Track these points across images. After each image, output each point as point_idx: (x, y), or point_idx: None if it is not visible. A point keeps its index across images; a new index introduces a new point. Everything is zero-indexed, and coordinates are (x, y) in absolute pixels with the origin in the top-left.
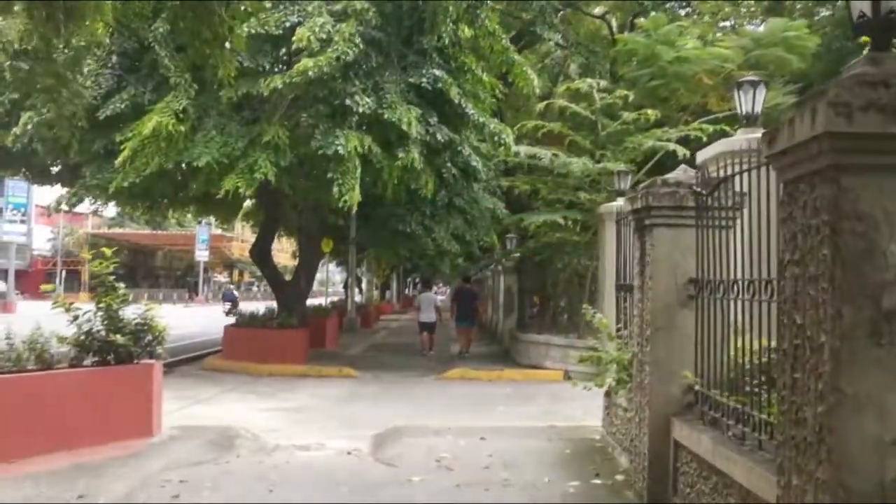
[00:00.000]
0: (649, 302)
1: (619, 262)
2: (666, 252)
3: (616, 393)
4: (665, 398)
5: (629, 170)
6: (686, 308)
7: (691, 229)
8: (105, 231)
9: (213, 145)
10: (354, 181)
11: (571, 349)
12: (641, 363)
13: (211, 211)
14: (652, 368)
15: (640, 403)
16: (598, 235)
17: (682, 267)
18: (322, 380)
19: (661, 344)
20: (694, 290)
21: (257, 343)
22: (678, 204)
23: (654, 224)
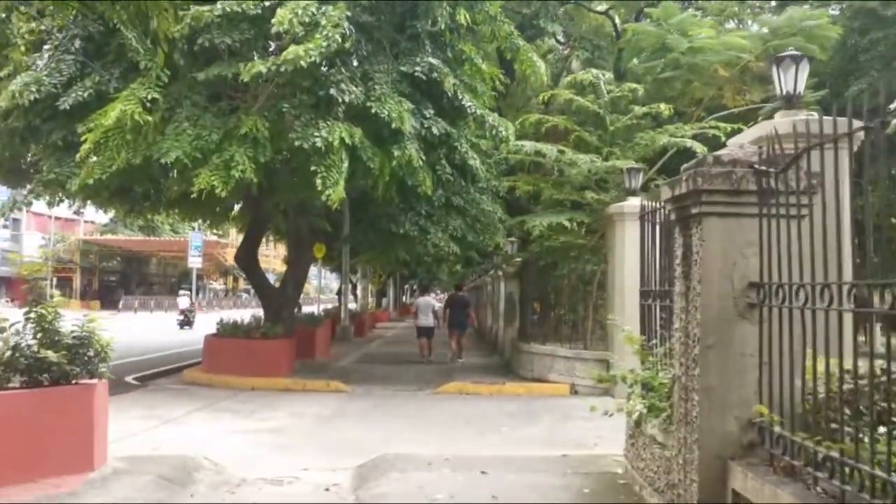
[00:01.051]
0: (697, 312)
1: (644, 265)
2: (719, 249)
3: (647, 422)
4: (720, 436)
5: (641, 167)
6: (746, 320)
7: (752, 220)
8: (97, 238)
9: (184, 138)
10: (339, 175)
11: (578, 361)
12: (687, 389)
13: (198, 214)
14: (702, 397)
15: (684, 440)
16: (606, 238)
17: (741, 267)
18: (308, 395)
19: (713, 366)
20: (756, 297)
21: (239, 354)
22: (735, 187)
23: (703, 213)
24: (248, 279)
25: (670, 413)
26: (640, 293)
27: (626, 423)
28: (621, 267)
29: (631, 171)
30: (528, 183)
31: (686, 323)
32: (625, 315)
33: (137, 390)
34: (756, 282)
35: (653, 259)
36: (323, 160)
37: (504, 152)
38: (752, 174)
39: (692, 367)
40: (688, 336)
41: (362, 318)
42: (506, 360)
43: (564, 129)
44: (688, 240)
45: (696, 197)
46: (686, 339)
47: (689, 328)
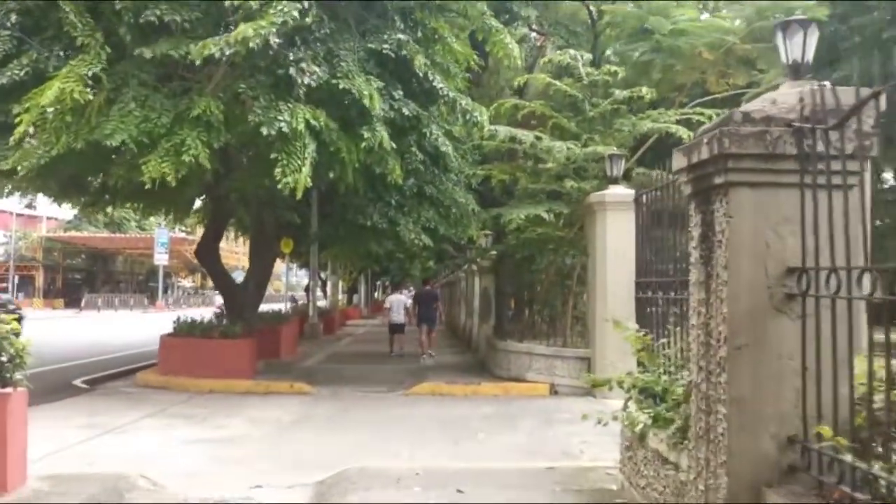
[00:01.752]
0: (723, 306)
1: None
2: (750, 227)
3: (653, 434)
4: (753, 458)
5: (623, 153)
6: (783, 314)
7: (790, 190)
8: (61, 235)
9: (130, 120)
10: (302, 162)
11: (558, 359)
12: (709, 400)
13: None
14: (730, 410)
15: (706, 462)
16: (586, 229)
17: (776, 250)
18: (270, 398)
19: (743, 371)
20: (797, 286)
21: (196, 355)
22: (770, 150)
23: (730, 184)
24: (210, 275)
25: (681, 425)
26: (637, 285)
27: (621, 432)
28: (603, 259)
29: (613, 158)
30: (503, 172)
31: (707, 319)
32: (607, 310)
33: (84, 395)
34: (796, 267)
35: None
36: (285, 146)
37: (478, 138)
38: (790, 134)
39: (716, 372)
40: (709, 335)
41: (331, 316)
42: (481, 358)
43: (541, 116)
44: (708, 217)
45: (720, 163)
46: (707, 339)
47: (712, 325)
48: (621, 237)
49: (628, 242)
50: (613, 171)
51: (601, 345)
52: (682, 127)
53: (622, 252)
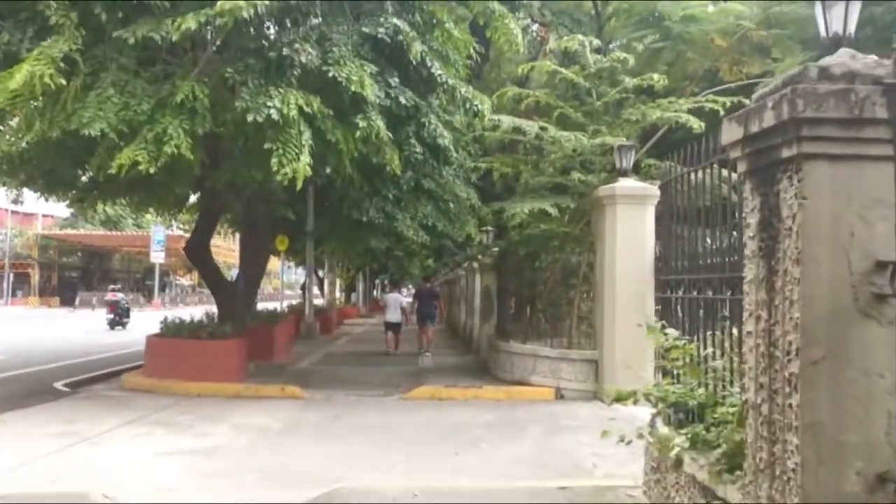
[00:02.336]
0: (793, 308)
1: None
2: (830, 210)
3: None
4: (833, 499)
5: (633, 144)
6: (872, 319)
7: (882, 165)
8: (56, 232)
9: (108, 108)
10: (299, 150)
11: (564, 362)
12: (772, 425)
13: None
14: (805, 439)
15: (769, 502)
16: (594, 224)
17: (864, 239)
18: (260, 403)
19: (821, 391)
20: (890, 285)
21: (184, 357)
22: (857, 115)
23: (804, 156)
24: (200, 273)
25: (728, 450)
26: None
27: (646, 449)
28: (612, 256)
29: (622, 149)
30: (505, 164)
31: (769, 325)
32: (616, 310)
33: (64, 399)
34: (887, 261)
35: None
36: (279, 134)
37: (479, 129)
38: (880, 94)
39: (784, 391)
40: (773, 344)
41: (328, 315)
42: (482, 359)
43: (545, 107)
44: (771, 200)
45: (791, 131)
46: (770, 350)
47: (777, 332)
48: (632, 232)
49: (640, 238)
50: (623, 162)
51: (610, 347)
52: (693, 117)
53: (633, 248)
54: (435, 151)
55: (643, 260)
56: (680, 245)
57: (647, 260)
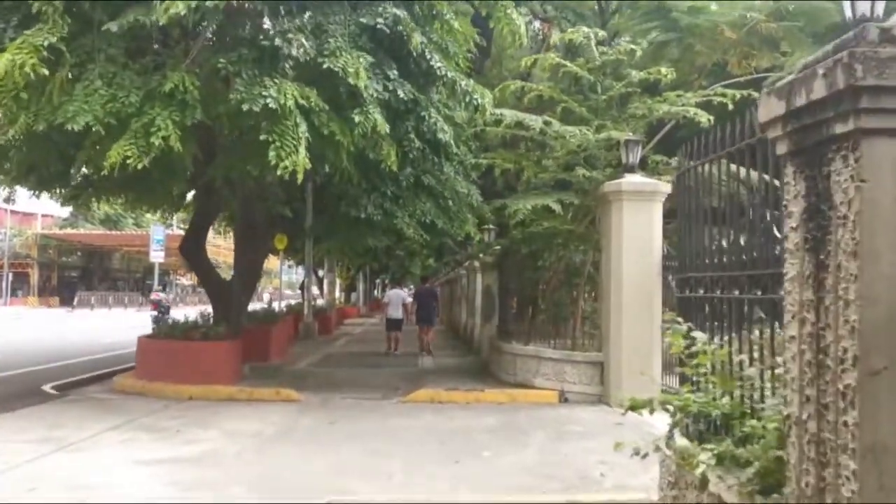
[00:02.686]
0: (849, 310)
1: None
2: (893, 194)
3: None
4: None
5: (640, 138)
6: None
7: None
8: (56, 232)
9: (95, 100)
10: (297, 142)
11: (568, 364)
12: (822, 445)
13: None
14: (864, 464)
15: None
16: (600, 222)
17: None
18: (253, 406)
19: (883, 407)
20: None
21: (176, 358)
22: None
23: (863, 132)
24: (195, 272)
25: (761, 469)
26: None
27: (661, 462)
28: (618, 254)
29: (629, 144)
30: (507, 160)
31: (818, 328)
32: (622, 310)
33: (51, 402)
34: None
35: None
36: (275, 126)
37: (480, 123)
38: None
39: (837, 407)
40: (823, 351)
41: (327, 315)
42: (483, 360)
43: (548, 102)
44: (821, 184)
45: (848, 102)
46: (819, 357)
47: (828, 338)
48: (640, 230)
49: (648, 235)
50: (629, 157)
51: (616, 348)
52: (701, 111)
53: (641, 246)
54: (435, 147)
55: (651, 258)
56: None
57: (654, 258)
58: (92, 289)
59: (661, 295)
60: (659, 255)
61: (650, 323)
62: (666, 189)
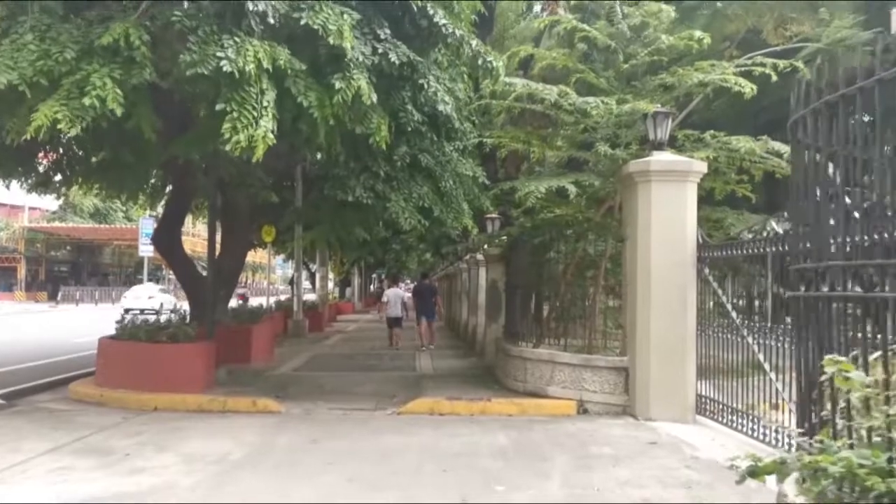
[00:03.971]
0: None
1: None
2: None
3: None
4: None
5: (670, 111)
6: None
7: None
8: (44, 225)
9: (24, 56)
10: (258, 114)
11: (588, 370)
12: None
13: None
14: None
15: None
16: (623, 207)
17: None
18: (225, 420)
19: None
20: None
21: (140, 363)
22: None
23: None
24: (170, 266)
25: None
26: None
27: None
28: (646, 243)
29: (657, 117)
30: (515, 139)
31: None
32: (651, 308)
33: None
34: None
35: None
36: (233, 93)
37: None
38: None
39: None
40: None
41: (319, 312)
42: (487, 364)
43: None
44: None
45: None
46: None
47: None
48: (671, 214)
49: (680, 221)
50: (657, 133)
51: (643, 352)
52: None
53: (672, 234)
54: (434, 122)
55: (684, 247)
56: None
57: (688, 247)
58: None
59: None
60: (694, 244)
61: (683, 322)
62: (701, 168)
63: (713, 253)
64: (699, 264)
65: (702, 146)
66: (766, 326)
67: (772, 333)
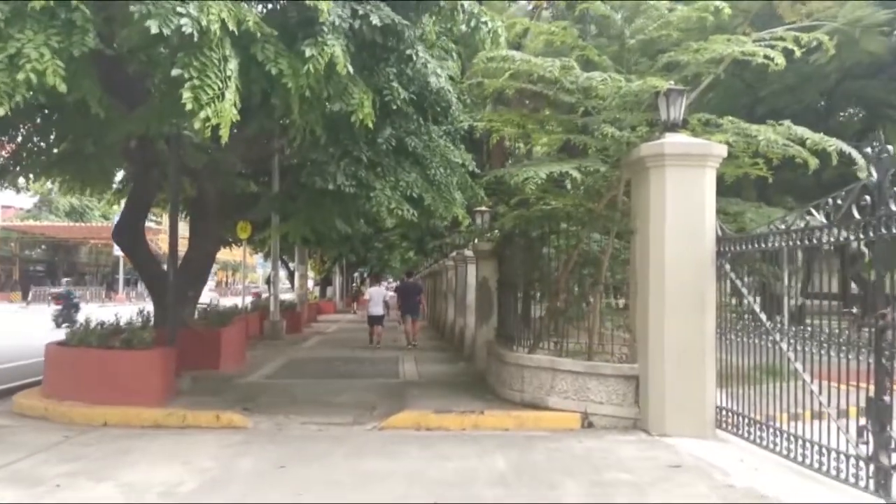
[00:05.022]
0: None
1: None
2: None
3: None
4: None
5: (684, 88)
6: None
7: None
8: (17, 224)
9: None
10: (223, 84)
11: (593, 378)
12: None
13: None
14: None
15: None
16: (632, 195)
17: None
18: (182, 437)
19: None
20: None
21: (90, 372)
22: None
23: None
24: (132, 263)
25: None
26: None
27: None
28: (659, 235)
29: (671, 95)
30: (509, 122)
31: None
32: (665, 308)
33: None
34: None
35: None
36: (192, 57)
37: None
38: None
39: None
40: None
41: (297, 312)
42: (478, 369)
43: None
44: None
45: None
46: None
47: None
48: (688, 204)
49: (698, 211)
50: (671, 113)
51: (656, 358)
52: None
53: (689, 225)
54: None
55: (702, 241)
56: None
57: (707, 241)
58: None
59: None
60: (713, 237)
61: (701, 324)
62: (720, 151)
63: (737, 246)
64: (719, 259)
65: (717, 131)
66: (803, 330)
67: (813, 339)
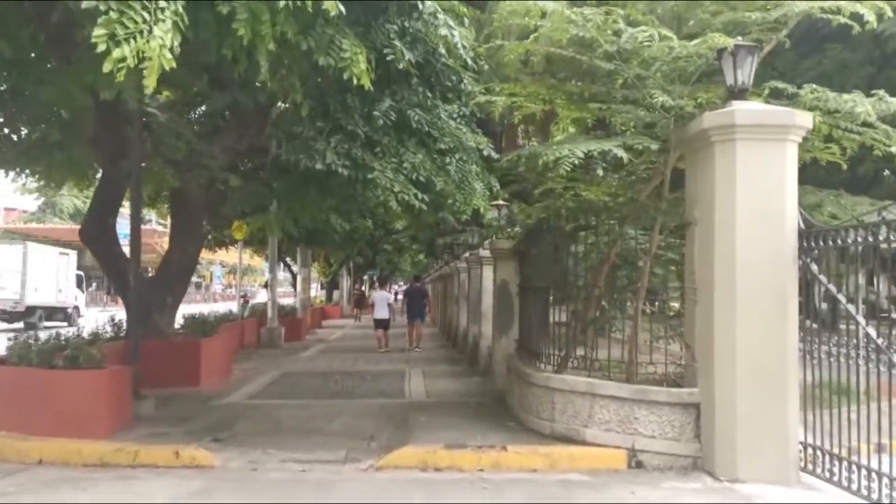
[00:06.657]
0: None
1: None
2: None
3: None
4: None
5: (755, 45)
6: None
7: None
8: (21, 227)
9: None
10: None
11: (642, 406)
12: None
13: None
14: None
15: None
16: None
17: None
18: (128, 483)
19: None
20: None
21: (29, 396)
22: None
23: None
24: (101, 264)
25: None
26: None
27: None
28: (728, 227)
29: (739, 53)
30: (535, 97)
31: None
32: (737, 317)
33: None
34: None
35: None
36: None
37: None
38: None
39: None
40: None
41: (296, 318)
42: (496, 387)
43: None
44: None
45: None
46: None
47: None
48: (763, 187)
49: (777, 195)
50: (738, 76)
51: (724, 380)
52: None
53: (765, 213)
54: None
55: (782, 233)
56: None
57: (788, 233)
58: None
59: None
60: (794, 228)
61: (782, 338)
62: (805, 121)
63: (829, 241)
64: (802, 257)
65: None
66: None
67: None
